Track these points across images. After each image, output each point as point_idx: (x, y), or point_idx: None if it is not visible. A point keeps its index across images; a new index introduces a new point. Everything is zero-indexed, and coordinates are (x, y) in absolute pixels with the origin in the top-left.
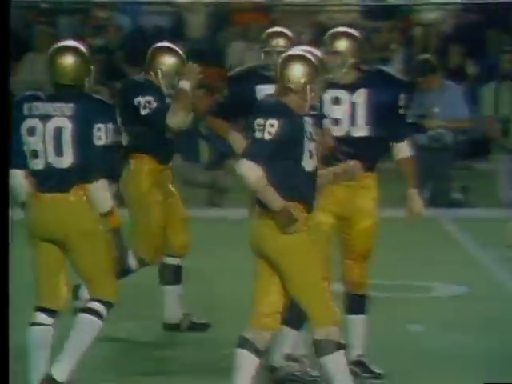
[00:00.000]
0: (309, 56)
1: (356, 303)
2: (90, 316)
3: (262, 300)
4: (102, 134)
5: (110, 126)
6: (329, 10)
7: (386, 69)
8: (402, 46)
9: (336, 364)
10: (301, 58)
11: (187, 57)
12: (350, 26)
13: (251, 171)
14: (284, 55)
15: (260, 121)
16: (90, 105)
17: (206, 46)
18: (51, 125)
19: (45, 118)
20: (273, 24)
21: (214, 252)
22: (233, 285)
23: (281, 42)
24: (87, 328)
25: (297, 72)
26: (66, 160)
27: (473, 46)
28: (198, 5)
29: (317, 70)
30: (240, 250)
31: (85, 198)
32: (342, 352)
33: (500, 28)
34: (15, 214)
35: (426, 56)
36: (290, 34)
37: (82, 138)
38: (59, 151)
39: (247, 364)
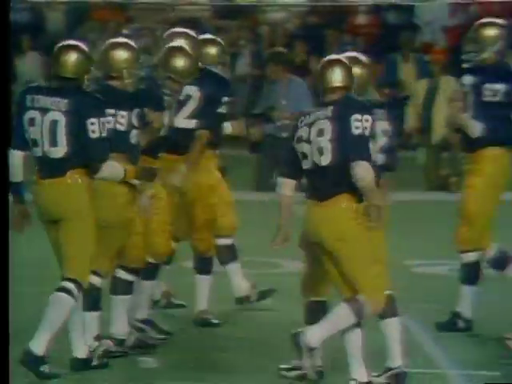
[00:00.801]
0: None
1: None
2: (64, 294)
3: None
4: (95, 128)
5: (103, 119)
6: (181, 9)
7: (214, 69)
8: (250, 42)
9: (350, 335)
10: (342, 63)
11: (47, 51)
12: (196, 23)
13: (368, 173)
14: (326, 60)
15: (357, 116)
16: (83, 100)
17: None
18: (48, 117)
19: (43, 110)
20: (129, 21)
21: None
22: None
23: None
24: (61, 305)
25: (343, 74)
26: (60, 150)
27: (315, 44)
28: (54, 3)
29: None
30: None
31: (80, 181)
32: (358, 330)
33: (338, 28)
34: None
35: (279, 48)
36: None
37: (76, 131)
38: (54, 142)
39: None
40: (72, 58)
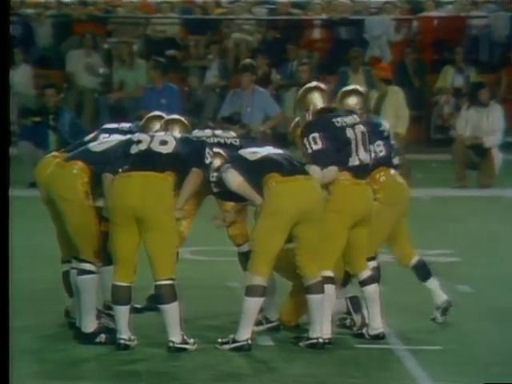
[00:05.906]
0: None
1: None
2: (88, 276)
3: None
4: None
5: None
6: (155, 23)
7: None
8: (217, 56)
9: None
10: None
11: (36, 62)
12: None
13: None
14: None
15: None
16: None
17: (52, 53)
18: None
19: None
20: (108, 35)
21: None
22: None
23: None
24: (89, 286)
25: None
26: None
27: (276, 58)
28: (43, 16)
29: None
30: None
31: None
32: None
33: (297, 43)
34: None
35: (249, 61)
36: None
37: None
38: None
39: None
40: None
